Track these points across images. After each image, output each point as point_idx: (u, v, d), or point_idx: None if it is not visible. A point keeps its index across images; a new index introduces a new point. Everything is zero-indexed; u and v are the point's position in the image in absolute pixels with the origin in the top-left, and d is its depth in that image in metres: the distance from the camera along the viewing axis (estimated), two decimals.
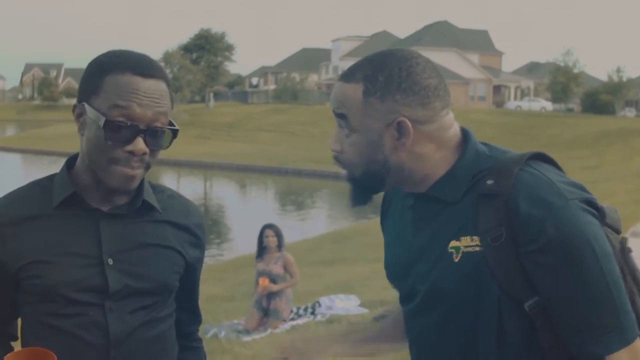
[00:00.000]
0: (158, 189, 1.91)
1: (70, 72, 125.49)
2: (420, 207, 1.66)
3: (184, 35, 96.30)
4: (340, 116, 1.62)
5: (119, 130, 1.67)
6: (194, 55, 69.44)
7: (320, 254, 14.62)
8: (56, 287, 1.73)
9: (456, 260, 1.56)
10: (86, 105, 1.71)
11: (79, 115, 1.75)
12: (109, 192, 1.78)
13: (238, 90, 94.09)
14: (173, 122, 1.77)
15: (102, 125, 1.66)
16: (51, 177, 1.84)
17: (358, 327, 2.14)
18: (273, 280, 8.52)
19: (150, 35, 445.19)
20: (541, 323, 1.53)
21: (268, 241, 8.61)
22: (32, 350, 1.65)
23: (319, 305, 9.06)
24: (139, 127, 1.68)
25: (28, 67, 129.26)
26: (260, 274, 8.60)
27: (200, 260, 1.97)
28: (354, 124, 1.60)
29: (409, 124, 1.55)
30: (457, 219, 1.58)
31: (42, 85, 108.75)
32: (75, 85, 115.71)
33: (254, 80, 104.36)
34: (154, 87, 1.71)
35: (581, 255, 1.48)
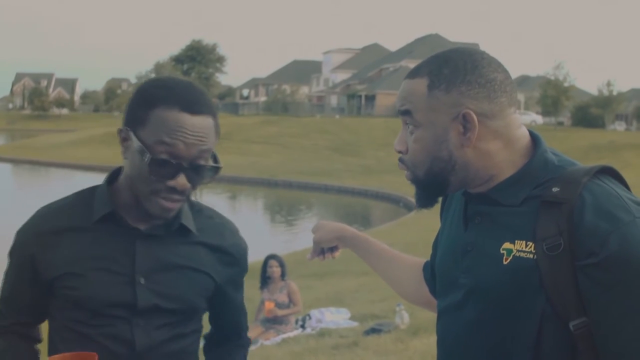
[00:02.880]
0: (196, 208, 1.93)
1: (61, 82, 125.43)
2: (479, 203, 1.61)
3: (176, 46, 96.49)
4: (405, 112, 1.58)
5: (163, 167, 1.69)
6: (185, 67, 69.64)
7: (310, 266, 14.59)
8: (87, 300, 1.77)
9: (505, 262, 1.50)
10: (132, 134, 1.73)
11: (124, 139, 1.76)
12: (148, 214, 1.80)
13: (229, 101, 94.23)
14: (216, 155, 1.79)
15: (147, 161, 1.68)
16: (93, 189, 1.87)
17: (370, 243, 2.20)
18: (278, 307, 8.82)
19: (142, 46, 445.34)
20: (584, 347, 1.44)
21: (272, 271, 8.90)
22: (76, 355, 1.68)
23: (309, 318, 9.10)
24: (182, 164, 1.70)
25: (19, 77, 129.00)
26: (266, 299, 8.87)
27: (234, 278, 1.98)
28: (419, 118, 1.55)
29: (475, 116, 1.51)
30: (515, 222, 1.52)
31: (33, 95, 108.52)
32: (66, 95, 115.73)
33: (245, 92, 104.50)
34: (201, 124, 1.70)
35: None
